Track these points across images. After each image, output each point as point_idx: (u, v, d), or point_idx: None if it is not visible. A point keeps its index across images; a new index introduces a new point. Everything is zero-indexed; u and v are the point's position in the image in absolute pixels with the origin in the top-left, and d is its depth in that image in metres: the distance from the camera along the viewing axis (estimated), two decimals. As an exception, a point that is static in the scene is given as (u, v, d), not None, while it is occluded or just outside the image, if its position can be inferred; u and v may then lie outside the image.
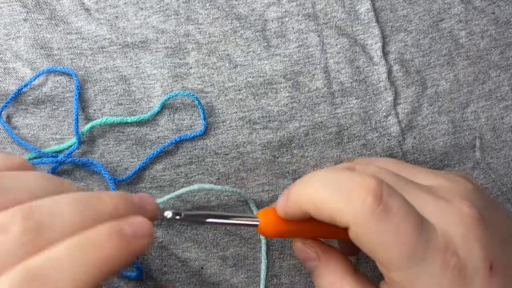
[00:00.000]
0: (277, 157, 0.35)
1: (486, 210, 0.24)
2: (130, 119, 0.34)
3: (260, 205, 0.34)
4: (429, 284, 0.21)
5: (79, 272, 0.18)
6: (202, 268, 0.34)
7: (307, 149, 0.35)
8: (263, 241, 0.33)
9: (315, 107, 0.35)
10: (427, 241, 0.21)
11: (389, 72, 0.36)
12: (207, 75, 0.35)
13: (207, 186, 0.31)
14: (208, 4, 0.37)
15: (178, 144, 0.35)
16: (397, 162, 0.30)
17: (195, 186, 0.31)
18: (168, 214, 0.24)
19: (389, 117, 0.35)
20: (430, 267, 0.21)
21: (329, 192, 0.22)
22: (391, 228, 0.21)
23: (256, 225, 0.25)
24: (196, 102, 0.34)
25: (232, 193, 0.33)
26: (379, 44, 0.36)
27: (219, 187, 0.32)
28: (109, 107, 0.35)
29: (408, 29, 0.37)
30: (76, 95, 0.34)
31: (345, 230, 0.23)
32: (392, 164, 0.28)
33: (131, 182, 0.34)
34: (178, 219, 0.24)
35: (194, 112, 0.35)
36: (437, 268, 0.21)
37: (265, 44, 0.36)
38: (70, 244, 0.19)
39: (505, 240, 0.24)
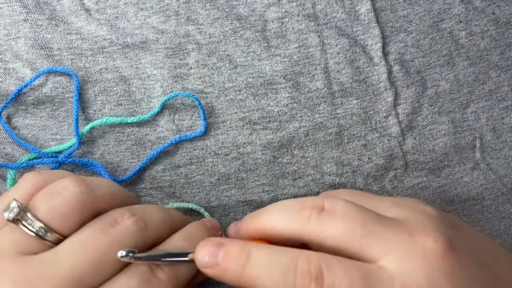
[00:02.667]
0: (277, 158, 0.35)
1: (456, 233, 0.24)
2: (130, 119, 0.34)
3: (260, 206, 0.34)
4: None
5: None
6: (202, 268, 0.34)
7: (307, 149, 0.35)
8: None
9: (315, 107, 0.35)
10: None
11: (389, 72, 0.36)
12: (207, 76, 0.35)
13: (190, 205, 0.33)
14: (208, 5, 0.37)
15: (178, 144, 0.34)
16: (359, 193, 0.30)
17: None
18: (122, 253, 0.25)
19: (389, 118, 0.35)
20: None
21: (274, 279, 0.23)
22: None
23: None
24: (196, 102, 0.34)
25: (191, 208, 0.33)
26: (379, 44, 0.36)
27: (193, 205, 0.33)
28: (109, 108, 0.35)
29: (408, 29, 0.37)
30: (76, 96, 0.34)
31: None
32: (355, 197, 0.28)
33: (131, 182, 0.34)
34: (131, 258, 0.25)
35: (194, 113, 0.35)
36: None
37: (265, 44, 0.36)
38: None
39: (481, 260, 0.24)
